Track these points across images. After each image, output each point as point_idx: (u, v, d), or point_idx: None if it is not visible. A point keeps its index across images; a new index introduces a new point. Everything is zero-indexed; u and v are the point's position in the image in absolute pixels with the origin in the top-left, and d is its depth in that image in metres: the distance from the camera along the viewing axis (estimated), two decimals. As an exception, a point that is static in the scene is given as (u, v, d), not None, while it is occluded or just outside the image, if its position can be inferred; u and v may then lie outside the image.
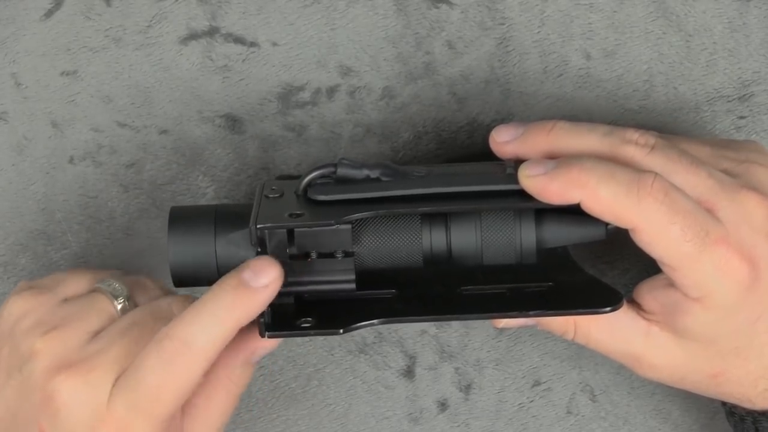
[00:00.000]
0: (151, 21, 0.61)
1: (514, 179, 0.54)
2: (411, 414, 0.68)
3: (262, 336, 0.54)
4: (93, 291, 0.57)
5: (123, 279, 0.58)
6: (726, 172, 0.55)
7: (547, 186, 0.53)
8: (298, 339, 0.67)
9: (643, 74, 0.63)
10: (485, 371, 0.68)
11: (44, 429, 0.53)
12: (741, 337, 0.55)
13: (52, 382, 0.53)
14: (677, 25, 0.63)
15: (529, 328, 0.64)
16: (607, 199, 0.52)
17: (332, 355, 0.67)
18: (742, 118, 0.64)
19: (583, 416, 0.69)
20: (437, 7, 0.62)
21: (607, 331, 0.57)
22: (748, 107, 0.64)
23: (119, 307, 0.56)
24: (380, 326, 0.67)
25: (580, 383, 0.68)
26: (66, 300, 0.57)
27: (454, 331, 0.67)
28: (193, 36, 0.62)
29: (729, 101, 0.64)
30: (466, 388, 0.68)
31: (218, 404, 0.57)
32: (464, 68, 0.63)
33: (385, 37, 0.62)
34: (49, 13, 0.61)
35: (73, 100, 0.62)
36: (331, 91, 0.63)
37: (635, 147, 0.55)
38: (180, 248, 0.56)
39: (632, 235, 0.53)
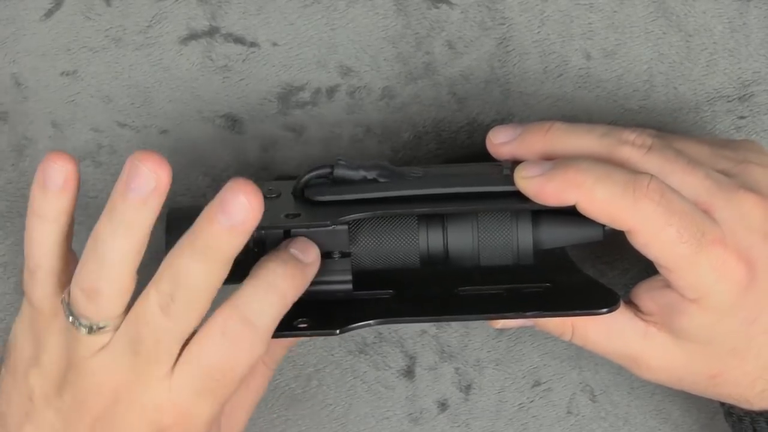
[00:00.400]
0: (151, 21, 0.61)
1: (510, 180, 0.54)
2: (411, 414, 0.68)
3: None
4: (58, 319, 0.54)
5: (76, 293, 0.52)
6: (723, 172, 0.55)
7: (543, 187, 0.53)
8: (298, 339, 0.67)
9: (643, 74, 0.63)
10: (485, 371, 0.68)
11: None
12: (738, 338, 0.55)
13: (101, 398, 0.52)
14: (677, 25, 0.63)
15: (528, 328, 0.64)
16: (603, 200, 0.52)
17: (332, 355, 0.67)
18: (742, 118, 0.64)
19: (583, 416, 0.68)
20: (437, 7, 0.62)
21: (604, 332, 0.56)
22: (749, 107, 0.64)
23: (100, 335, 0.53)
24: (380, 326, 0.67)
25: (581, 383, 0.68)
26: (50, 322, 0.54)
27: (454, 331, 0.67)
28: (193, 36, 0.62)
29: (729, 101, 0.64)
30: (466, 389, 0.68)
31: (254, 386, 0.57)
32: (464, 68, 0.63)
33: (385, 37, 0.62)
34: (49, 13, 0.61)
35: (73, 100, 0.62)
36: (331, 91, 0.63)
37: (632, 148, 0.55)
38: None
39: (628, 236, 0.53)
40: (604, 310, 0.54)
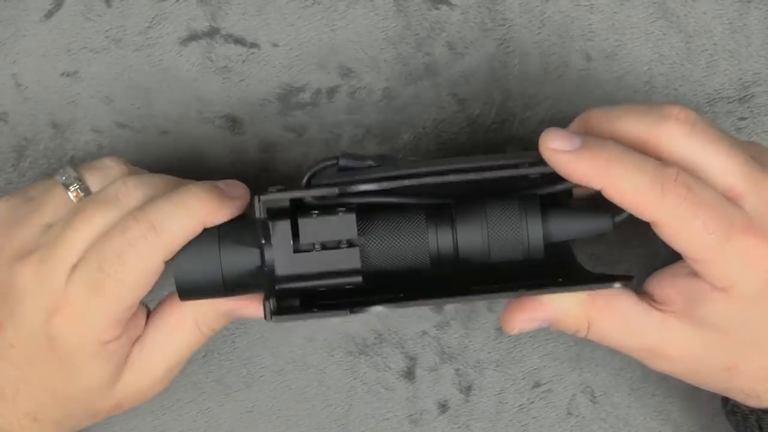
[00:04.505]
0: (151, 22, 0.61)
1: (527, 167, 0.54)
2: (411, 415, 0.68)
3: (268, 319, 0.54)
4: (52, 184, 0.57)
5: (83, 166, 0.58)
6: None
7: (570, 166, 0.52)
8: (298, 340, 0.67)
9: (644, 75, 0.63)
10: (486, 372, 0.68)
11: (2, 322, 0.55)
12: (761, 329, 0.54)
13: (9, 273, 0.54)
14: (677, 27, 0.63)
15: (536, 330, 0.63)
16: (630, 192, 0.51)
17: (332, 356, 0.67)
18: (742, 119, 0.64)
19: (583, 417, 0.68)
20: (437, 8, 0.62)
21: (621, 324, 0.55)
22: (749, 108, 0.64)
23: (72, 195, 0.56)
24: (381, 327, 0.67)
25: (581, 384, 0.68)
26: (31, 198, 0.57)
27: (455, 332, 0.67)
28: (193, 37, 0.62)
29: (729, 102, 0.64)
30: (467, 390, 0.68)
31: (180, 343, 0.58)
32: (464, 69, 0.63)
33: (386, 38, 0.62)
34: (49, 14, 0.61)
35: (73, 101, 0.62)
36: (332, 92, 0.63)
37: (676, 122, 0.53)
38: (185, 263, 0.55)
39: (654, 228, 0.52)
40: (618, 285, 0.53)
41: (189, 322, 0.58)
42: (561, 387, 0.68)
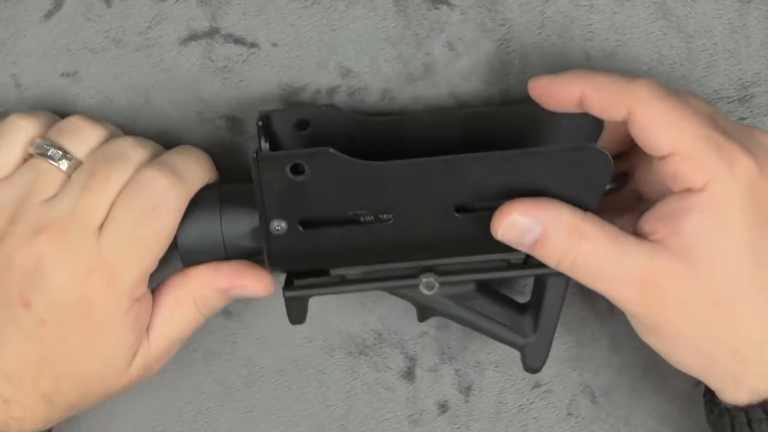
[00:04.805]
0: (151, 22, 0.61)
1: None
2: (411, 416, 0.68)
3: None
4: (31, 159, 0.57)
5: (53, 133, 0.58)
6: None
7: (550, 84, 0.55)
8: (298, 340, 0.67)
9: (644, 75, 0.63)
10: (485, 373, 0.68)
11: (29, 301, 0.55)
12: (747, 260, 0.53)
13: (28, 250, 0.54)
14: (677, 27, 0.63)
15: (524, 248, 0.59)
16: (604, 83, 0.54)
17: (332, 356, 0.67)
18: (742, 119, 0.64)
19: (583, 418, 0.68)
20: (437, 8, 0.62)
21: (612, 242, 0.54)
22: (749, 108, 0.64)
23: (64, 167, 0.56)
24: (381, 327, 0.67)
25: (581, 385, 0.68)
26: (7, 178, 0.57)
27: (455, 332, 0.67)
28: (193, 37, 0.62)
29: (729, 102, 0.64)
30: (467, 390, 0.68)
31: (179, 322, 0.59)
32: (464, 69, 0.63)
33: (385, 38, 0.62)
34: (49, 14, 0.61)
35: (73, 101, 0.63)
36: (331, 92, 0.63)
37: (645, 80, 0.55)
38: (187, 227, 0.57)
39: (629, 125, 0.53)
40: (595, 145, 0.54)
41: (188, 303, 0.59)
42: (561, 387, 0.68)
